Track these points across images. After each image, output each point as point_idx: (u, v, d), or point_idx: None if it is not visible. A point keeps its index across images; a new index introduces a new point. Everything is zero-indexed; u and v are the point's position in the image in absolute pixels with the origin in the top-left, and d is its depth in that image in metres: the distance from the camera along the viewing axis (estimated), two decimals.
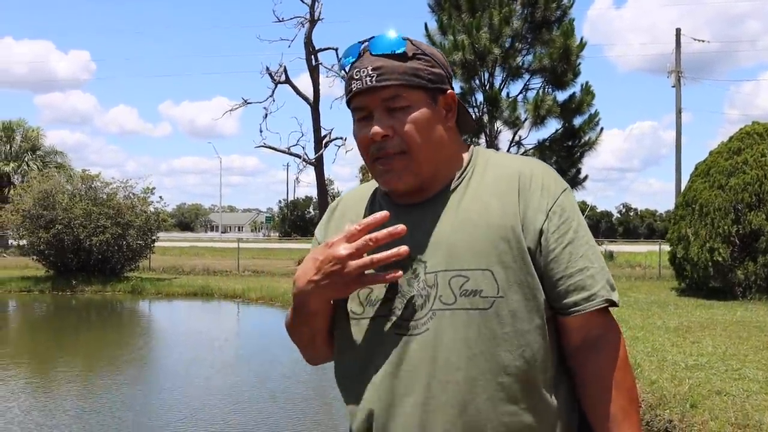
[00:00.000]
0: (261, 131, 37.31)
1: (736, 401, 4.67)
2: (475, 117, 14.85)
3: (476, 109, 15.00)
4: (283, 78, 21.32)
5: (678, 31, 24.91)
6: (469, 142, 1.30)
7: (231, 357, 9.23)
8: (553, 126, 14.97)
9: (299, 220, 65.80)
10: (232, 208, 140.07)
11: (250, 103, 22.11)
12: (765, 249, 11.23)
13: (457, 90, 14.39)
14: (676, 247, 12.72)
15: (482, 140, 14.92)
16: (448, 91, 1.18)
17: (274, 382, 7.35)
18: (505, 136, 15.27)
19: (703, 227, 11.79)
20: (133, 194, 18.64)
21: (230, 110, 22.57)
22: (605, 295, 1.12)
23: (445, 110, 1.17)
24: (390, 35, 1.14)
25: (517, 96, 14.95)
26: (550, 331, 1.13)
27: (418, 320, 1.11)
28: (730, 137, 12.69)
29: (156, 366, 8.77)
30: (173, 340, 10.88)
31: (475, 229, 1.11)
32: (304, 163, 21.87)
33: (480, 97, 14.99)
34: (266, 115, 21.75)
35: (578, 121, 14.93)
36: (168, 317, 14.36)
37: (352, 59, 1.16)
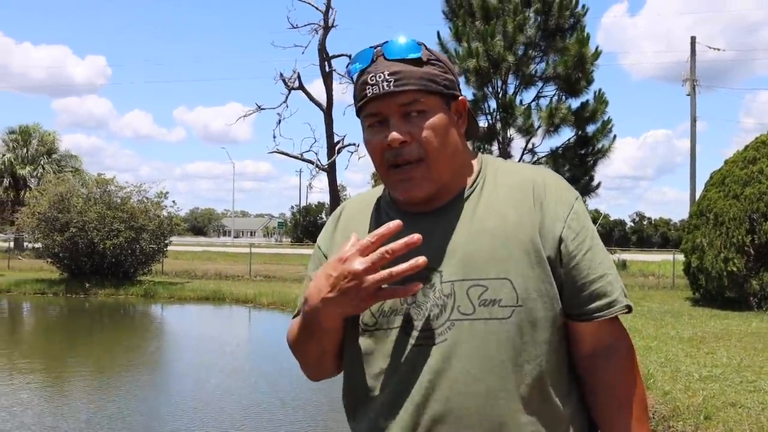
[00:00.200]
0: (274, 137, 37.57)
1: (751, 413, 4.62)
2: (488, 124, 14.87)
3: (489, 117, 15.01)
4: (296, 84, 21.38)
5: (693, 39, 24.77)
6: (482, 150, 1.30)
7: (242, 362, 9.24)
8: (566, 134, 15.00)
9: (311, 226, 65.84)
10: (244, 213, 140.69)
11: (263, 108, 22.18)
12: None
13: (470, 97, 14.42)
14: (690, 257, 12.63)
15: (495, 148, 14.90)
16: (460, 97, 1.17)
17: (285, 388, 7.36)
18: (517, 143, 15.28)
19: (718, 237, 11.69)
20: (147, 198, 18.81)
21: (244, 116, 22.60)
22: (623, 301, 1.12)
23: (457, 116, 1.16)
24: (402, 41, 1.11)
25: (530, 103, 14.98)
26: (563, 339, 1.13)
27: (435, 330, 1.08)
28: (745, 146, 12.62)
29: (167, 370, 8.81)
30: (185, 344, 10.92)
31: (493, 238, 1.09)
32: (316, 169, 21.89)
33: (493, 104, 15.03)
34: (279, 121, 21.77)
35: (591, 129, 14.91)
36: (180, 321, 14.42)
37: (361, 65, 1.12)
